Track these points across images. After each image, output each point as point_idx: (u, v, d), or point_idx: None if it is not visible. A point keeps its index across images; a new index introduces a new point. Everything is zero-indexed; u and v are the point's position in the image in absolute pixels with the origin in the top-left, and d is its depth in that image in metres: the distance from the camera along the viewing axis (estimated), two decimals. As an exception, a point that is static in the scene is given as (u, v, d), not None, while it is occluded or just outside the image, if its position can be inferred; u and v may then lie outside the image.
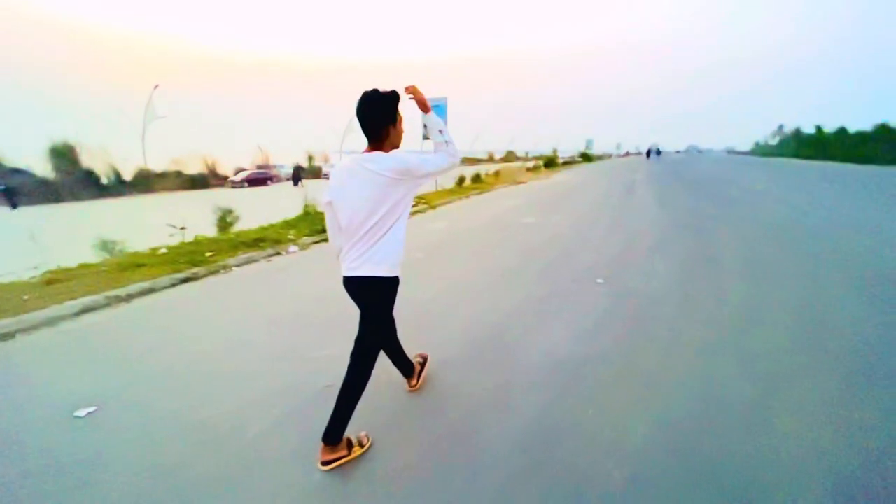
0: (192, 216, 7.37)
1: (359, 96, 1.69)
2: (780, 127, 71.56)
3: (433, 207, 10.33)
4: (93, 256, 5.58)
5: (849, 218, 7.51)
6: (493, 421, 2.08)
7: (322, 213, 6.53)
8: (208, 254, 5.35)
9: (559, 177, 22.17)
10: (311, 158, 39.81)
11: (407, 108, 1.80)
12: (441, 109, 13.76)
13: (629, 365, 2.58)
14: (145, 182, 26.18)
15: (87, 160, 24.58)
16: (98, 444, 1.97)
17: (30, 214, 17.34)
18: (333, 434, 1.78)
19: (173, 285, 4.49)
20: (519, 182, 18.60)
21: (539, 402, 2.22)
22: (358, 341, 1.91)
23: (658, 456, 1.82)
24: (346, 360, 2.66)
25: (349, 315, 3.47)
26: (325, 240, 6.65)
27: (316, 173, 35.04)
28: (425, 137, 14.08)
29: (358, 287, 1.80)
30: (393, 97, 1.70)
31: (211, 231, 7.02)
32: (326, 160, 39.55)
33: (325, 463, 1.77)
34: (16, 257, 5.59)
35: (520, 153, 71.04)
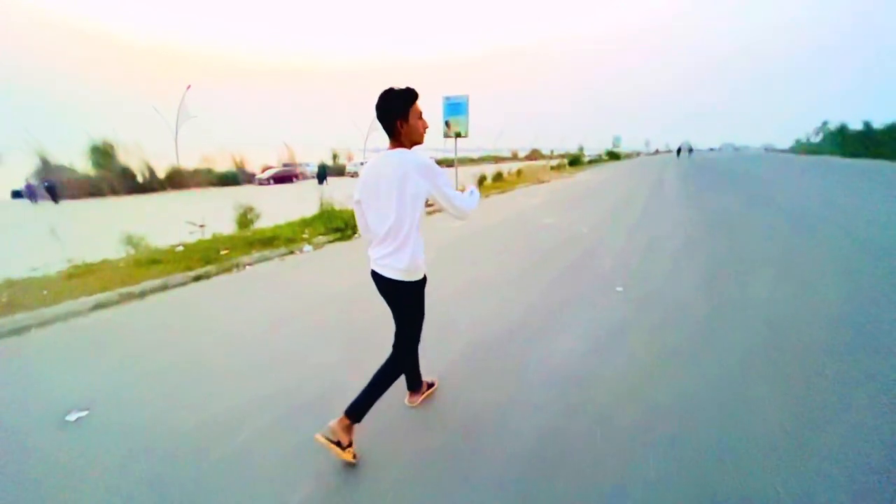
0: (217, 213, 7.52)
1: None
2: (824, 123, 67.41)
3: (451, 206, 10.18)
4: (119, 251, 5.72)
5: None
6: (491, 441, 1.92)
7: (338, 212, 6.49)
8: (223, 251, 5.39)
9: (583, 176, 21.58)
10: (335, 156, 40.41)
11: (427, 104, 1.79)
12: (462, 107, 13.62)
13: (645, 384, 2.36)
14: (177, 179, 27.21)
15: (124, 158, 25.71)
16: (82, 451, 1.93)
17: (69, 209, 18.29)
18: (355, 410, 1.79)
19: (185, 283, 4.52)
20: (542, 181, 18.21)
21: (542, 422, 2.04)
22: (396, 337, 1.96)
23: (671, 493, 1.62)
24: (342, 369, 2.60)
25: (352, 319, 3.41)
26: (339, 239, 6.67)
27: (340, 171, 35.50)
28: (446, 135, 13.98)
29: (382, 285, 1.86)
30: (403, 94, 1.71)
31: (232, 228, 7.10)
32: (350, 158, 40.06)
33: (325, 434, 1.74)
34: (52, 250, 5.79)
35: (545, 151, 69.97)
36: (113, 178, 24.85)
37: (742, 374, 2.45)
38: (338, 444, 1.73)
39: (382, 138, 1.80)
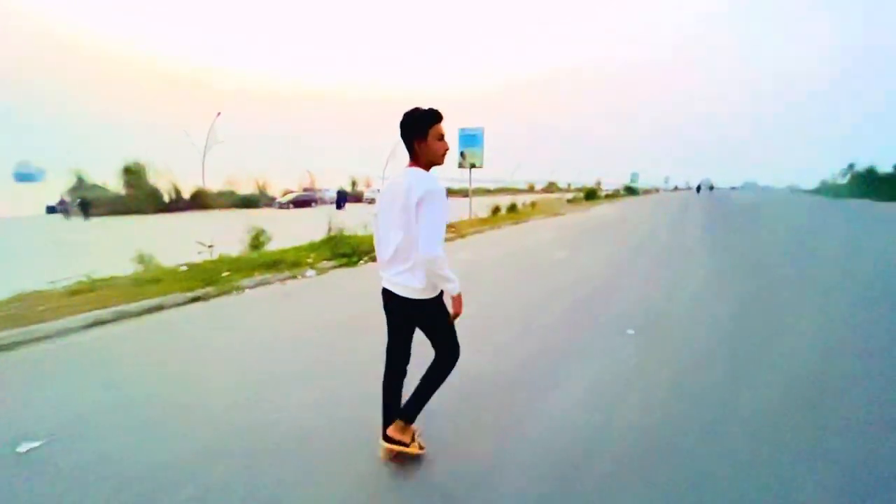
0: (232, 234, 7.56)
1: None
2: (851, 165, 66.02)
3: (462, 237, 10.08)
4: (130, 268, 5.71)
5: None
6: (471, 509, 1.67)
7: (346, 237, 6.42)
8: (225, 273, 5.36)
9: (599, 210, 21.36)
10: (354, 183, 41.36)
11: (448, 126, 1.78)
12: (477, 139, 13.84)
13: (659, 452, 2.06)
14: (201, 200, 28.17)
15: (154, 178, 26.86)
16: (20, 490, 1.77)
17: (98, 225, 18.98)
18: (406, 412, 1.87)
19: (183, 304, 4.46)
20: (556, 214, 18.07)
21: (531, 497, 1.76)
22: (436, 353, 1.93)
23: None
24: (319, 408, 2.41)
25: (339, 352, 3.23)
26: (345, 264, 6.59)
27: (358, 197, 36.19)
28: (460, 165, 14.14)
29: (393, 304, 1.84)
30: (424, 114, 1.71)
31: (243, 249, 7.10)
32: (369, 185, 40.92)
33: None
34: (69, 264, 5.83)
35: (562, 184, 70.24)
36: (141, 197, 25.89)
37: (769, 452, 2.12)
38: (400, 443, 1.84)
39: (402, 166, 1.80)
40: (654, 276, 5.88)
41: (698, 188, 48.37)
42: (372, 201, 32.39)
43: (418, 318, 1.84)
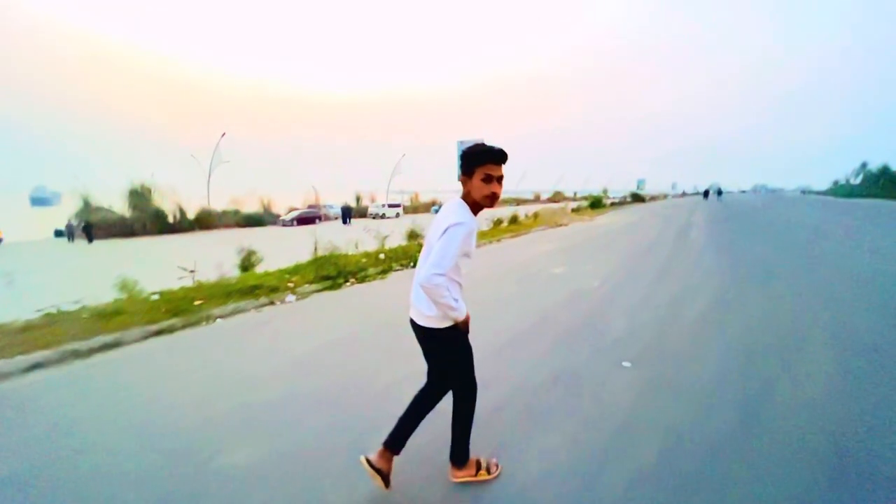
0: (226, 255, 7.27)
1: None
2: (864, 165, 64.70)
3: (458, 252, 9.68)
4: (115, 294, 5.42)
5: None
6: None
7: (332, 257, 6.06)
8: (197, 302, 5.03)
9: (604, 219, 20.86)
10: (358, 198, 41.42)
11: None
12: (475, 151, 13.56)
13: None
14: (206, 220, 28.30)
15: (159, 200, 27.05)
16: None
17: (100, 248, 19.05)
18: (452, 456, 1.96)
19: (143, 338, 4.13)
20: (559, 224, 17.62)
21: None
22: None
23: None
24: (259, 472, 2.02)
25: (302, 396, 2.85)
26: (329, 287, 6.23)
27: (362, 213, 36.16)
28: (461, 178, 13.85)
29: (413, 328, 1.88)
30: (475, 152, 1.72)
31: (229, 273, 6.78)
32: (374, 199, 40.95)
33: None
34: (59, 292, 5.55)
35: (568, 193, 69.81)
36: (146, 219, 26.09)
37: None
38: (475, 474, 1.95)
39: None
40: (656, 293, 5.42)
41: (706, 193, 47.50)
42: (376, 216, 32.29)
43: (431, 347, 1.85)
